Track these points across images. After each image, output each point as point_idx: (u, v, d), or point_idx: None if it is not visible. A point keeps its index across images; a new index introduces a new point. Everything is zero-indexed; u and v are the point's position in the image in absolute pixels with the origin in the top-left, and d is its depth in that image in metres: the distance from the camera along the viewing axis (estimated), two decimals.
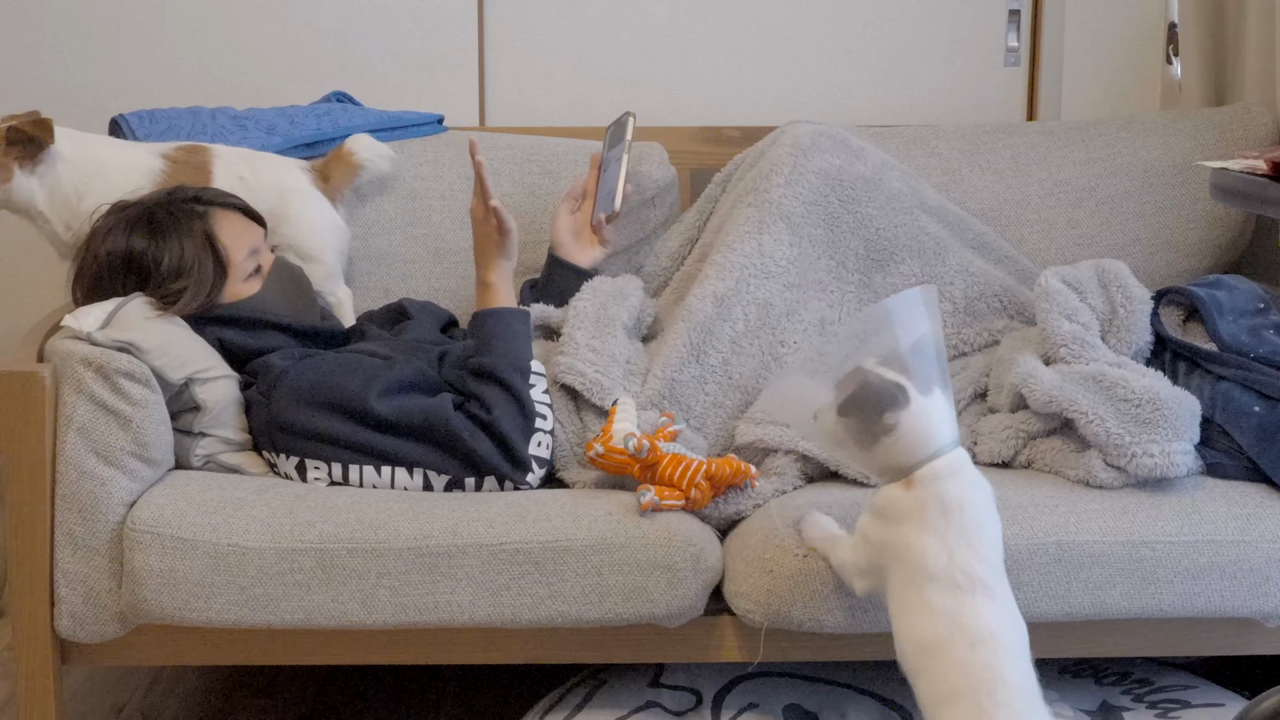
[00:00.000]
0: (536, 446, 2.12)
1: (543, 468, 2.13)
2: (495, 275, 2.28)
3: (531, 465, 2.11)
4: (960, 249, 2.45)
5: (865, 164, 2.44)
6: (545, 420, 2.14)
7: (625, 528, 2.01)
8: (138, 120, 2.63)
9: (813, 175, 2.39)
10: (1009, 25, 3.06)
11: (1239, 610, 2.05)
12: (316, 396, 2.12)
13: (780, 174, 2.39)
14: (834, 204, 2.39)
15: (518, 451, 2.10)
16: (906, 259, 2.39)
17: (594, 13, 3.01)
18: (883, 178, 2.42)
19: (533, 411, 2.12)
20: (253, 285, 2.29)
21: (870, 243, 2.39)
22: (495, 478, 2.10)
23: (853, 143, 2.47)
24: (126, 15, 2.94)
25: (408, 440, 2.10)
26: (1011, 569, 2.00)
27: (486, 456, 2.09)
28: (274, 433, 2.14)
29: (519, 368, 2.15)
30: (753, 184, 2.42)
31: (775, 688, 2.22)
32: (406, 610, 2.01)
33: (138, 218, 2.23)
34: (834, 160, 2.41)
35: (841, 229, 2.39)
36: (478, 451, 2.08)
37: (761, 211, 2.36)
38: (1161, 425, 2.06)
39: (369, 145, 2.60)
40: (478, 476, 2.11)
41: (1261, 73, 2.77)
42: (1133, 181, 2.73)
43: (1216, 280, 2.36)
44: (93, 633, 2.06)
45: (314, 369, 2.16)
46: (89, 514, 2.03)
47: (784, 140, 2.45)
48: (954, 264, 2.42)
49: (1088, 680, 2.28)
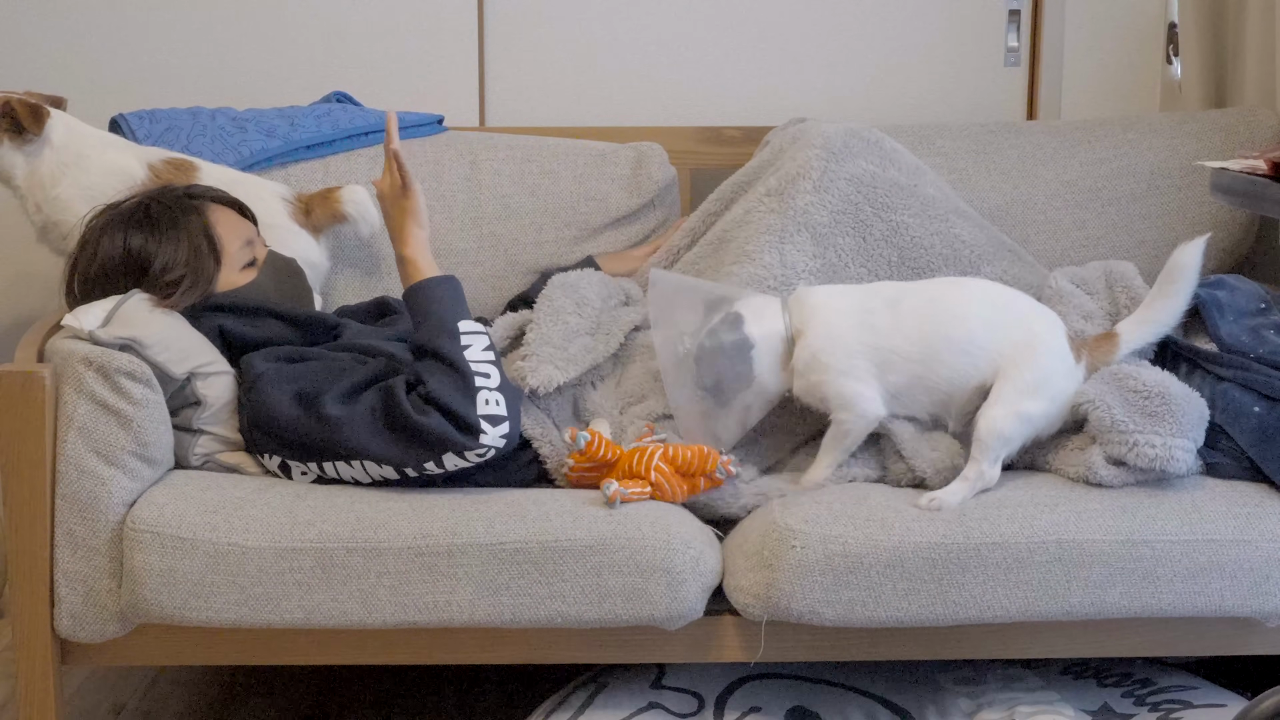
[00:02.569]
0: (485, 405, 2.03)
1: (499, 425, 2.04)
2: (411, 248, 2.20)
3: (481, 426, 2.02)
4: (995, 256, 2.39)
5: (899, 169, 2.38)
6: (489, 378, 2.05)
7: (625, 529, 2.01)
8: (138, 120, 2.63)
9: (844, 182, 2.33)
10: (1009, 25, 3.06)
11: (1239, 610, 2.05)
12: (282, 399, 2.10)
13: (808, 179, 2.33)
14: (866, 212, 2.33)
15: (464, 415, 2.02)
16: (942, 267, 2.35)
17: (594, 13, 3.01)
18: (918, 184, 2.37)
19: (469, 371, 2.04)
20: (248, 275, 2.29)
21: (905, 252, 2.34)
22: (453, 453, 2.04)
23: (886, 145, 2.41)
24: (127, 15, 2.94)
25: (366, 435, 2.05)
26: (1012, 567, 2.01)
27: (436, 429, 2.02)
28: (253, 432, 2.14)
29: (446, 331, 2.09)
30: (777, 186, 2.35)
31: (777, 689, 2.22)
32: (406, 610, 2.01)
33: (133, 214, 2.24)
34: (868, 165, 2.35)
35: (874, 237, 2.34)
36: (428, 426, 2.02)
37: (784, 220, 2.32)
38: (1167, 419, 2.06)
39: (360, 202, 2.56)
40: (435, 457, 2.04)
41: (1262, 73, 2.77)
42: (1139, 184, 2.73)
43: (1218, 280, 2.36)
44: (93, 633, 2.06)
45: (288, 373, 2.14)
46: (89, 514, 2.03)
47: (814, 139, 2.37)
48: (989, 273, 2.35)
49: (1089, 681, 2.28)
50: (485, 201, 2.72)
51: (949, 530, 2.01)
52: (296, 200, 2.54)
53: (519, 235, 2.70)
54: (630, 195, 2.74)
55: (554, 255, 2.68)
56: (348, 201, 2.55)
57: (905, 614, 2.01)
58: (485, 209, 2.71)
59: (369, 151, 2.72)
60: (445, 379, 2.05)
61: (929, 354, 2.11)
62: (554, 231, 2.73)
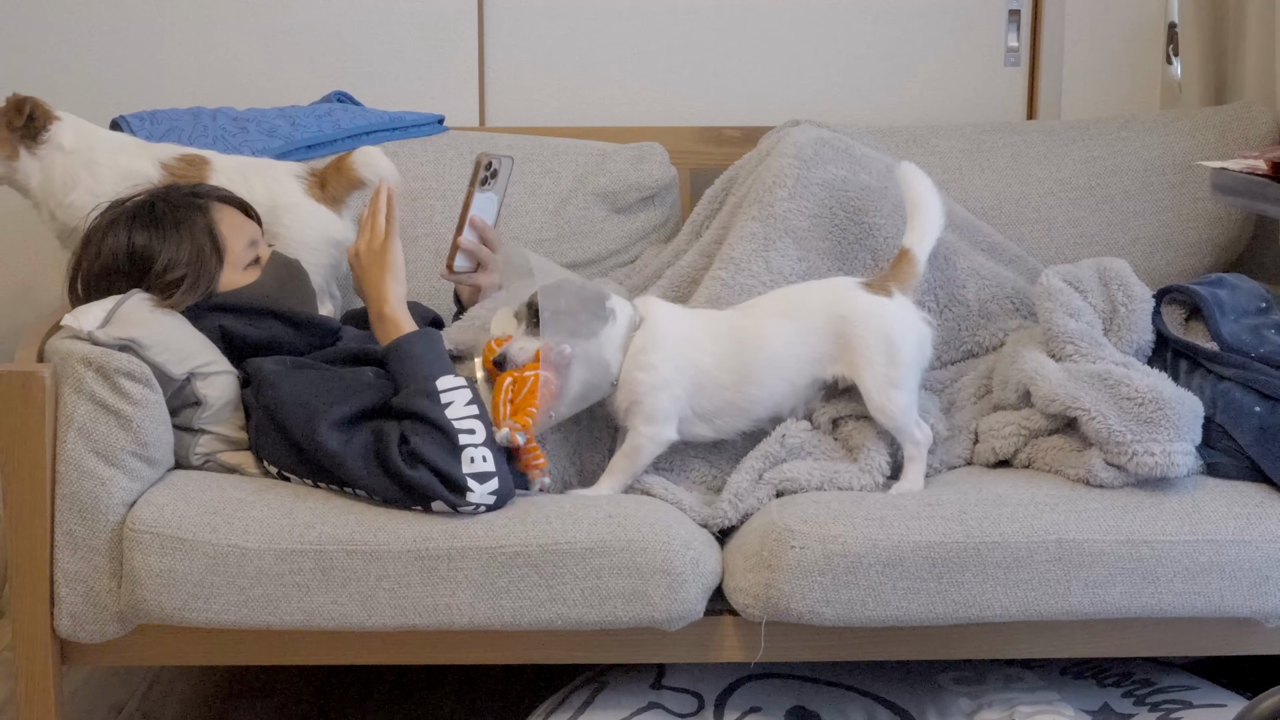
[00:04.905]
0: (470, 464, 2.02)
1: (488, 482, 2.02)
2: (390, 305, 2.20)
3: (468, 485, 2.01)
4: (970, 252, 2.43)
5: (870, 173, 2.41)
6: (473, 434, 2.03)
7: (625, 531, 2.01)
8: (138, 122, 2.63)
9: (816, 188, 2.38)
10: (1009, 25, 3.05)
11: (1239, 610, 2.05)
12: (283, 414, 2.09)
13: (784, 186, 2.37)
14: (840, 215, 2.38)
15: (452, 475, 2.01)
16: None
17: (594, 13, 3.01)
18: (888, 186, 2.40)
19: (452, 430, 2.02)
20: (251, 275, 2.29)
21: (878, 253, 2.37)
22: (444, 502, 2.02)
23: (856, 151, 2.45)
24: (127, 15, 2.93)
25: (363, 473, 2.04)
26: (1011, 567, 2.01)
27: (427, 486, 2.01)
28: (260, 437, 2.14)
29: (424, 391, 2.07)
30: (757, 194, 2.39)
31: (777, 690, 2.22)
32: (406, 612, 2.01)
33: (137, 213, 2.23)
34: (837, 171, 2.39)
35: (848, 240, 2.37)
36: (417, 481, 2.01)
37: (767, 227, 2.35)
38: (1164, 425, 2.06)
39: (373, 162, 2.53)
40: (425, 506, 2.04)
41: (1261, 72, 2.77)
42: (1133, 181, 2.74)
43: (1219, 279, 2.35)
44: (93, 633, 2.06)
45: (294, 384, 2.13)
46: (89, 514, 2.03)
47: (786, 148, 2.42)
48: (964, 267, 2.40)
49: (1089, 681, 2.27)
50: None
51: (949, 530, 2.01)
52: (310, 175, 2.53)
53: (519, 235, 2.70)
54: (630, 195, 2.74)
55: (554, 255, 2.68)
56: (361, 165, 2.52)
57: (905, 614, 2.01)
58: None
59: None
60: (430, 439, 2.03)
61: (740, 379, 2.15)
62: (554, 231, 2.73)
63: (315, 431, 2.05)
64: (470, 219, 2.34)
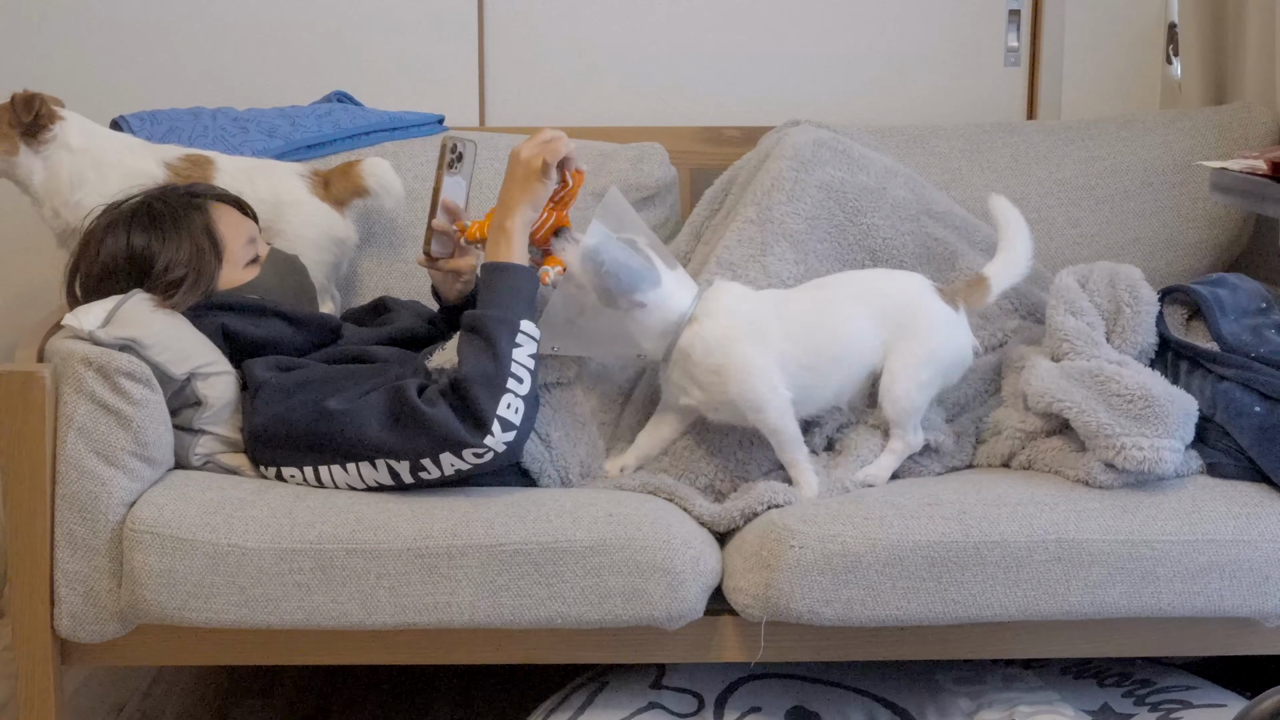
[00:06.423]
0: (505, 408, 2.00)
1: (508, 431, 2.01)
2: (513, 222, 2.15)
3: (492, 426, 1.98)
4: (969, 252, 2.43)
5: (868, 174, 2.42)
6: (521, 384, 2.02)
7: (625, 530, 2.01)
8: (139, 122, 2.63)
9: (814, 189, 2.38)
10: (1009, 25, 3.06)
11: (1239, 610, 2.05)
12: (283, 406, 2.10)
13: (781, 190, 2.37)
14: (838, 216, 2.38)
15: (479, 407, 1.98)
16: (915, 266, 2.37)
17: (594, 13, 3.01)
18: (886, 186, 2.40)
19: (506, 369, 2.01)
20: (250, 273, 2.30)
21: (876, 253, 2.37)
22: (452, 452, 2.00)
23: (854, 151, 2.44)
24: (127, 15, 2.94)
25: (365, 425, 2.03)
26: (1011, 567, 2.01)
27: (443, 423, 1.99)
28: (252, 443, 2.14)
29: (506, 321, 2.06)
30: (754, 196, 2.39)
31: (777, 690, 2.22)
32: (406, 611, 2.01)
33: (135, 214, 2.24)
34: (835, 172, 2.39)
35: (847, 241, 2.38)
36: (435, 420, 1.99)
37: (764, 231, 2.35)
38: (1152, 421, 2.06)
39: (382, 175, 2.55)
40: (433, 453, 2.01)
41: (1261, 72, 2.77)
42: (1133, 181, 2.74)
43: (1219, 279, 2.36)
44: (93, 633, 2.06)
45: (290, 382, 2.14)
46: (89, 514, 2.03)
47: (784, 150, 2.42)
48: (964, 268, 2.40)
49: (1089, 681, 2.28)
50: (486, 201, 2.70)
51: (948, 529, 2.01)
52: (314, 175, 2.55)
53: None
54: (631, 195, 2.74)
55: None
56: (369, 175, 2.54)
57: (905, 613, 2.01)
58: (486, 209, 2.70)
59: (370, 151, 2.72)
60: (481, 362, 2.02)
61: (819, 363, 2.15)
62: None
63: (321, 403, 2.06)
64: (442, 202, 2.33)
